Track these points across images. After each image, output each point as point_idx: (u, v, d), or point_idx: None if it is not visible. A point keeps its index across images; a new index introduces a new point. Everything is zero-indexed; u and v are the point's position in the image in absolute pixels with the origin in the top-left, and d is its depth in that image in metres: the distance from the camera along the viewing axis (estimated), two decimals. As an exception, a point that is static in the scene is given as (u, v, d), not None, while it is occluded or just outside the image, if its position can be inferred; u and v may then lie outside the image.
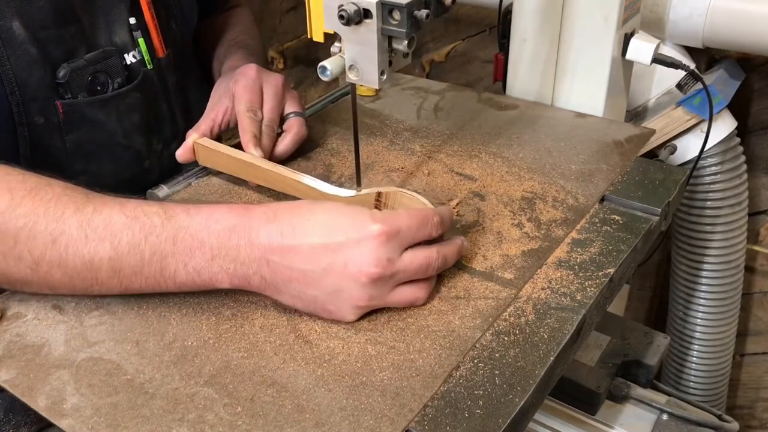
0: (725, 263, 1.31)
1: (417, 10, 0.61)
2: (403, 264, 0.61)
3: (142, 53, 0.88)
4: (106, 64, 0.84)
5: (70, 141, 0.83)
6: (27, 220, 0.61)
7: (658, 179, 0.83)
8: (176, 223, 0.62)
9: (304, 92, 1.99)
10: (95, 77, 0.83)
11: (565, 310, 0.64)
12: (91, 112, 0.84)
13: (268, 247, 0.60)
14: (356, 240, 0.59)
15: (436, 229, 0.64)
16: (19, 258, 0.62)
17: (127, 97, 0.87)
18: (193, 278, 0.62)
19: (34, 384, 0.58)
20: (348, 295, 0.60)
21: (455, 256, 0.67)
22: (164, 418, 0.54)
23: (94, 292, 0.64)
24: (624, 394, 0.86)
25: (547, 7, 0.97)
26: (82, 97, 0.83)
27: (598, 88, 0.99)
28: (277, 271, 0.60)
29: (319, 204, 0.64)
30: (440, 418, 0.54)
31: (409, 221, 0.62)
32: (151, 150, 0.93)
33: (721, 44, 1.15)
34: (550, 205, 0.79)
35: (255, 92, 0.86)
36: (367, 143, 0.93)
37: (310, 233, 0.60)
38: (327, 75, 0.66)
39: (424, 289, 0.64)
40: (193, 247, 0.61)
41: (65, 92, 0.81)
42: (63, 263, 0.61)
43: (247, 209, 0.63)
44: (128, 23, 0.86)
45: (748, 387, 1.63)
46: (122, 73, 0.86)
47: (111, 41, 0.86)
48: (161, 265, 0.61)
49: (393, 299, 0.62)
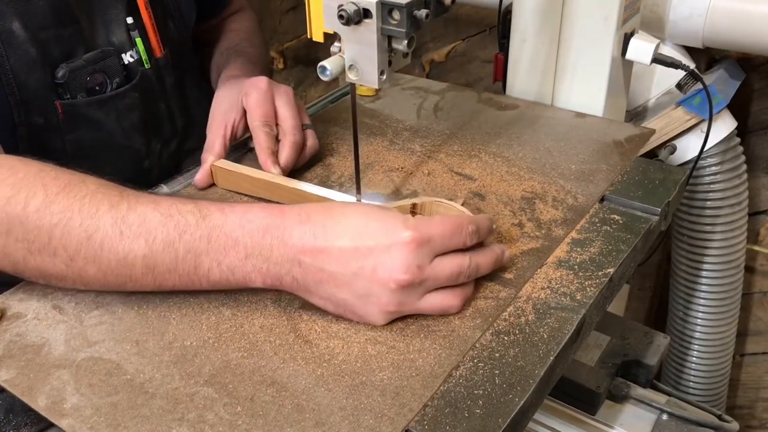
0: (725, 263, 1.31)
1: (417, 10, 0.61)
2: (433, 271, 0.60)
3: (139, 53, 0.88)
4: (105, 64, 0.84)
5: (70, 141, 0.83)
6: (61, 216, 0.61)
7: (658, 179, 0.83)
8: (210, 221, 0.62)
9: (304, 92, 1.99)
10: (94, 77, 0.83)
11: (565, 309, 0.64)
12: (90, 112, 0.84)
13: (301, 248, 0.60)
14: (386, 245, 0.59)
15: (471, 238, 0.62)
16: (54, 254, 0.62)
17: (125, 97, 0.87)
18: (227, 277, 0.62)
19: (34, 384, 0.58)
20: (377, 299, 0.60)
21: (490, 265, 0.65)
22: (164, 418, 0.54)
23: (128, 288, 0.64)
24: (624, 394, 0.86)
25: (547, 7, 0.97)
26: (81, 97, 0.83)
27: (598, 88, 0.99)
28: (309, 272, 0.60)
29: (351, 206, 0.63)
30: (440, 417, 0.54)
31: (442, 228, 0.61)
32: (150, 150, 0.93)
33: (721, 44, 1.15)
34: (550, 204, 0.79)
35: (268, 105, 0.84)
36: (367, 143, 0.93)
37: (341, 236, 0.60)
38: (327, 75, 0.66)
39: (457, 297, 0.63)
40: (227, 246, 0.61)
41: (64, 92, 0.81)
42: (97, 259, 0.61)
43: (281, 209, 0.62)
44: (125, 23, 0.86)
45: (748, 387, 1.63)
46: (120, 73, 0.86)
47: (109, 41, 0.86)
48: (195, 263, 0.61)
49: (423, 306, 0.62)
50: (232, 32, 1.10)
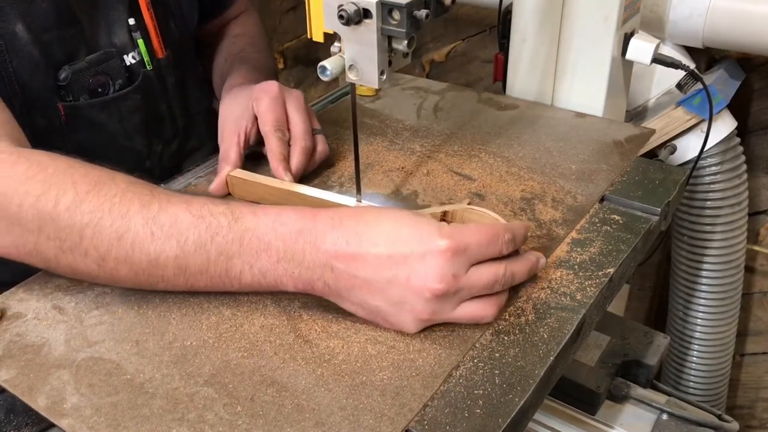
0: (725, 263, 1.31)
1: (417, 10, 0.61)
2: (468, 281, 0.59)
3: (141, 54, 0.88)
4: (107, 65, 0.84)
5: (71, 142, 0.83)
6: (92, 216, 0.61)
7: (658, 179, 0.83)
8: (243, 224, 0.61)
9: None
10: (96, 79, 0.83)
11: (565, 309, 0.64)
12: (92, 114, 0.84)
13: (333, 254, 0.59)
14: (421, 253, 0.58)
15: (507, 247, 0.61)
16: (85, 254, 0.62)
17: (128, 99, 0.87)
18: (259, 280, 0.62)
19: (34, 384, 0.58)
20: (411, 307, 0.59)
21: (526, 273, 0.64)
22: (164, 418, 0.54)
23: (160, 288, 0.64)
24: (624, 394, 0.86)
25: (547, 7, 0.97)
26: (83, 99, 0.83)
27: (597, 88, 0.99)
28: (341, 278, 0.60)
29: (385, 212, 0.62)
30: (440, 417, 0.54)
31: (478, 237, 0.59)
32: (151, 150, 0.93)
33: (721, 44, 1.15)
34: (550, 205, 0.79)
35: (280, 110, 0.83)
36: (367, 143, 0.93)
37: (375, 242, 0.59)
38: (327, 75, 0.66)
39: (492, 306, 0.61)
40: (259, 249, 0.61)
41: (67, 94, 0.81)
42: (129, 260, 0.61)
43: (314, 213, 0.62)
44: (128, 24, 0.86)
45: (748, 387, 1.63)
46: (123, 74, 0.86)
47: (111, 42, 0.85)
48: (227, 266, 0.61)
49: (458, 315, 0.61)
50: (237, 37, 1.09)
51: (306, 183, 0.83)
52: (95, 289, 0.68)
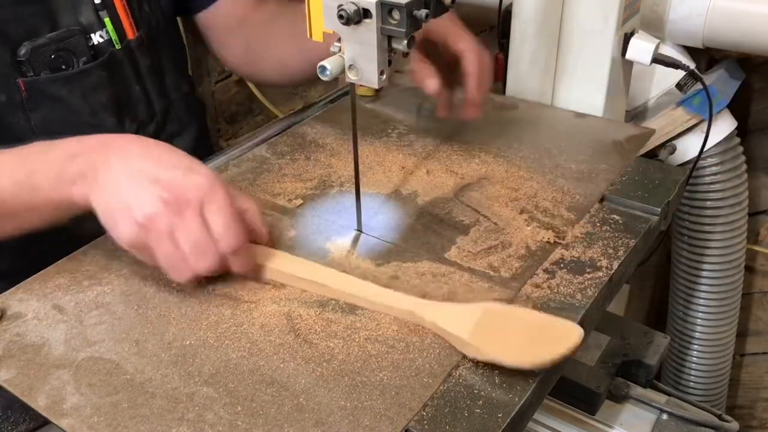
0: (725, 263, 1.31)
1: (416, 9, 0.61)
2: None
3: (109, 33, 0.89)
4: (69, 42, 0.85)
5: (35, 119, 0.85)
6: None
7: (658, 179, 0.83)
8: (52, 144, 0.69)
9: (305, 92, 1.99)
10: (58, 55, 0.84)
11: (565, 309, 0.64)
12: (53, 89, 0.85)
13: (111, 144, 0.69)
14: None
15: None
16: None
17: (90, 75, 0.87)
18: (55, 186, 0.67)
19: (34, 383, 0.58)
20: None
21: None
22: (164, 418, 0.54)
23: None
24: (624, 393, 0.86)
25: (547, 7, 0.97)
26: (44, 74, 0.83)
27: (597, 88, 0.99)
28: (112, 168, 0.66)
29: None
30: (440, 417, 0.54)
31: None
32: (123, 130, 0.93)
33: (721, 44, 1.15)
34: (550, 205, 0.79)
35: None
36: (367, 143, 0.93)
37: None
38: (327, 75, 0.66)
39: None
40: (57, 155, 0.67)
41: (27, 70, 0.82)
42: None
43: None
44: (93, 3, 0.87)
45: (748, 387, 1.63)
46: (88, 52, 0.87)
47: (77, 21, 0.86)
48: (33, 182, 0.67)
49: None
50: None
51: (303, 185, 0.83)
52: (95, 289, 0.68)
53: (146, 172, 0.64)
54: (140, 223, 0.62)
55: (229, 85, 1.73)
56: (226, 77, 1.71)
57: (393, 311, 0.64)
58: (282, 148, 0.93)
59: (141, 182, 0.63)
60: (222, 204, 0.64)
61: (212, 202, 0.63)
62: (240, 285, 0.68)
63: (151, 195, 0.63)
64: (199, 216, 0.63)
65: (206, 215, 0.64)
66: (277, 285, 0.68)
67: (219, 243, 0.64)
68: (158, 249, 0.63)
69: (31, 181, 0.67)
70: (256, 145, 0.93)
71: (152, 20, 0.95)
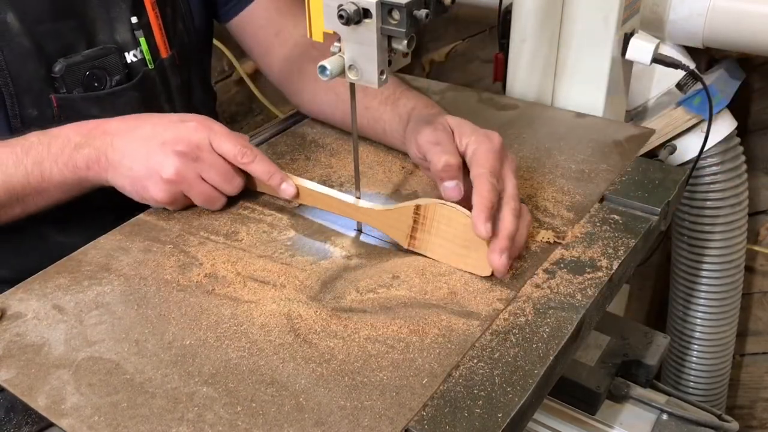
0: (725, 263, 1.31)
1: (416, 9, 0.61)
2: None
3: (143, 53, 0.88)
4: (104, 61, 0.85)
5: None
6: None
7: (658, 179, 0.83)
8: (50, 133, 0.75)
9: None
10: (93, 73, 0.84)
11: (565, 309, 0.64)
12: (85, 107, 0.85)
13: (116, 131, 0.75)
14: None
15: None
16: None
17: (123, 96, 0.87)
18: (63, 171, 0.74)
19: (34, 383, 0.58)
20: None
21: None
22: (164, 418, 0.54)
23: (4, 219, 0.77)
24: (624, 393, 0.86)
25: (547, 7, 0.97)
26: (77, 92, 0.83)
27: (597, 88, 0.99)
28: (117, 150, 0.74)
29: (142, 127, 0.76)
30: (440, 417, 0.54)
31: None
32: None
33: (721, 44, 1.15)
34: (550, 204, 0.79)
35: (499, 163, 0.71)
36: (367, 143, 0.93)
37: None
38: (327, 75, 0.65)
39: None
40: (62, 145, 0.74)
41: (60, 86, 0.82)
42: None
43: None
44: (130, 22, 0.87)
45: (748, 387, 1.63)
46: (122, 71, 0.86)
47: (112, 39, 0.86)
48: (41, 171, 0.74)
49: None
50: None
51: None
52: (95, 289, 0.68)
53: (149, 138, 0.73)
54: (170, 180, 0.73)
55: (229, 85, 1.73)
56: (226, 77, 1.71)
57: None
58: (282, 148, 0.93)
59: (151, 147, 0.73)
60: (223, 132, 0.75)
61: (215, 135, 0.74)
62: (240, 285, 0.68)
63: (166, 153, 0.72)
64: (213, 150, 0.74)
65: (216, 147, 0.74)
66: (277, 285, 0.68)
67: (239, 160, 0.75)
68: (193, 193, 0.75)
69: (39, 169, 0.74)
70: (256, 145, 0.93)
71: (185, 38, 0.95)
